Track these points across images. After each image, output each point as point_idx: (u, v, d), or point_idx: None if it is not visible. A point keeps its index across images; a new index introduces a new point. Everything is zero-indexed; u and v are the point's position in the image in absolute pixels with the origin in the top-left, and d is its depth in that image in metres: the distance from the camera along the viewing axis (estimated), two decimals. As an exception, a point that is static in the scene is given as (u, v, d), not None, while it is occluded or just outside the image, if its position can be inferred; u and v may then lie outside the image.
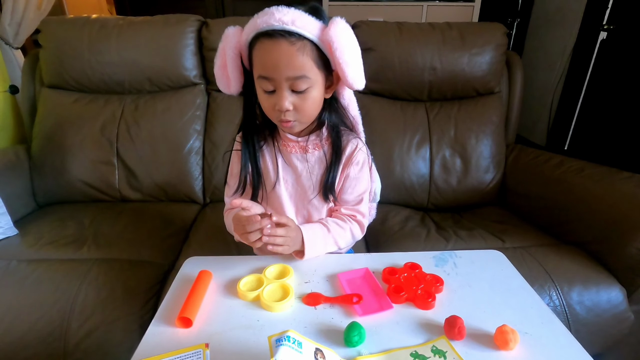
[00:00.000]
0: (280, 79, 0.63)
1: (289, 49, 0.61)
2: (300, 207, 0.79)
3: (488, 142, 1.31)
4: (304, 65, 0.63)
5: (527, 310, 0.59)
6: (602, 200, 1.00)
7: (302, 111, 0.67)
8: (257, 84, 0.66)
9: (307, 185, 0.77)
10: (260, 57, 0.63)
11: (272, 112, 0.67)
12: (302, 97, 0.65)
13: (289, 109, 0.65)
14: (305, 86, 0.64)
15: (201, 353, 0.48)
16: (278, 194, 0.77)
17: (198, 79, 1.35)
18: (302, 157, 0.76)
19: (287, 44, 0.61)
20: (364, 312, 0.59)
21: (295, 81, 0.63)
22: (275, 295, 0.62)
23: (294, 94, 0.65)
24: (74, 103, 1.31)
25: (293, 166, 0.76)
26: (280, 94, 0.64)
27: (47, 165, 1.28)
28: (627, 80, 1.89)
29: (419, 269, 0.68)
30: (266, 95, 0.66)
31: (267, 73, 0.63)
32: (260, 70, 0.64)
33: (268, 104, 0.67)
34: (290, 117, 0.67)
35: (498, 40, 1.31)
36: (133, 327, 0.84)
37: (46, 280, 0.88)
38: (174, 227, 1.15)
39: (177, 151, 1.29)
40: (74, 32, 1.29)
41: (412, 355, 0.51)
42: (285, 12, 0.61)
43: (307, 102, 0.66)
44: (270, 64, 0.62)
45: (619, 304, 0.89)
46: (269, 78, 0.63)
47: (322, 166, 0.76)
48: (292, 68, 0.62)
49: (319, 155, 0.76)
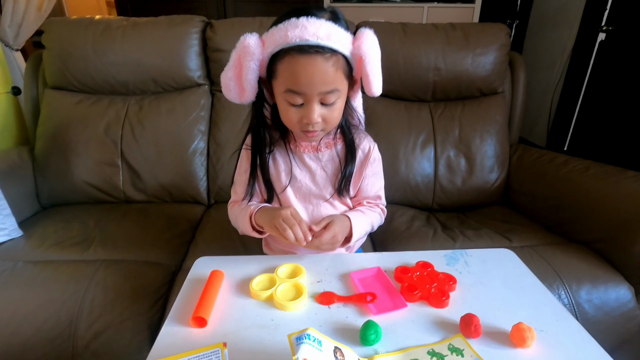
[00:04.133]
0: (312, 94, 0.62)
1: (323, 65, 0.60)
2: (314, 206, 0.78)
3: (492, 142, 1.31)
4: (336, 79, 0.62)
5: (541, 308, 0.59)
6: (609, 199, 1.00)
7: (330, 122, 0.66)
8: (283, 97, 0.64)
9: (323, 183, 0.77)
10: (291, 71, 0.61)
11: (296, 124, 0.66)
12: (331, 108, 0.65)
13: (318, 122, 0.65)
14: (335, 98, 0.64)
15: (219, 352, 0.47)
16: (290, 195, 0.77)
17: (202, 80, 1.35)
18: (314, 156, 0.76)
19: (322, 60, 0.60)
20: (379, 310, 0.59)
21: (327, 95, 0.63)
22: (288, 294, 0.62)
23: (322, 107, 0.64)
24: (78, 104, 1.30)
25: (307, 166, 0.76)
26: (310, 108, 0.63)
27: (50, 166, 1.27)
28: (626, 81, 1.91)
29: (431, 268, 0.68)
30: (293, 108, 0.64)
31: (298, 88, 0.61)
32: (289, 85, 0.62)
33: (294, 116, 0.65)
34: (318, 127, 0.66)
35: (501, 41, 1.32)
36: (142, 328, 0.84)
37: (53, 281, 0.87)
38: (180, 227, 1.15)
39: (182, 152, 1.29)
40: (78, 33, 1.28)
41: (429, 354, 0.51)
42: (319, 26, 0.58)
43: (334, 113, 0.66)
44: (303, 80, 0.61)
45: (627, 302, 0.89)
46: (299, 93, 0.62)
47: (334, 164, 0.76)
48: (326, 83, 0.61)
49: (330, 154, 0.76)
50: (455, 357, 0.50)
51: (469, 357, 0.50)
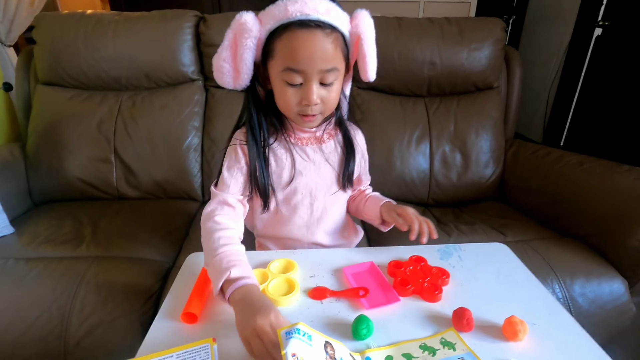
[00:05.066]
0: (312, 72, 0.60)
1: (324, 40, 0.58)
2: (319, 199, 0.76)
3: (487, 137, 1.31)
4: (336, 57, 0.61)
5: (533, 301, 0.59)
6: (603, 193, 1.00)
7: (328, 104, 0.64)
8: (280, 76, 0.62)
9: (326, 176, 0.75)
10: (291, 48, 0.59)
11: (294, 107, 0.64)
12: (329, 89, 0.63)
13: (317, 103, 0.63)
14: (334, 79, 0.62)
15: (209, 348, 0.47)
16: (294, 191, 0.74)
17: (196, 75, 1.34)
18: (317, 148, 0.73)
19: (322, 35, 0.58)
20: (371, 305, 0.58)
21: (326, 74, 0.61)
22: (281, 289, 0.62)
23: (321, 87, 0.62)
24: (70, 100, 1.29)
25: (311, 159, 0.73)
26: (309, 88, 0.61)
27: (43, 163, 1.26)
28: (622, 76, 1.91)
29: (425, 262, 0.68)
30: (291, 89, 0.62)
31: (297, 65, 0.59)
32: (288, 62, 0.60)
33: (292, 98, 0.63)
34: (316, 110, 0.64)
35: (497, 35, 1.31)
36: (134, 325, 0.83)
37: (45, 278, 0.86)
38: (174, 224, 1.14)
39: (176, 148, 1.28)
40: (70, 28, 1.27)
41: (421, 348, 0.51)
42: (318, 1, 0.58)
43: (332, 94, 0.64)
44: (304, 56, 0.58)
45: (620, 295, 0.89)
46: (298, 71, 0.60)
47: (337, 155, 0.75)
48: (326, 60, 0.60)
49: (333, 145, 0.74)
50: (447, 350, 0.50)
51: (461, 351, 0.50)
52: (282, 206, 0.75)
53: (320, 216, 0.77)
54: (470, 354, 0.49)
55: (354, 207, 0.86)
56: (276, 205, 0.75)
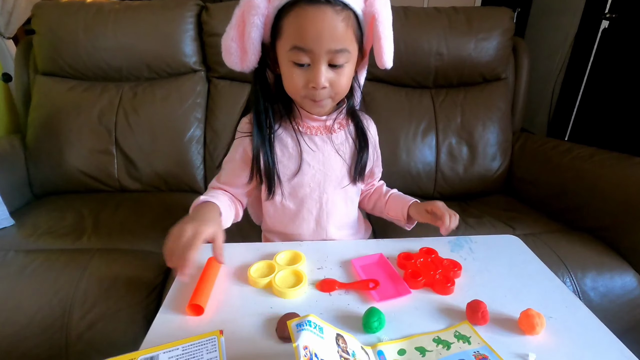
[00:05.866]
0: (320, 52, 0.56)
1: (334, 18, 0.55)
2: (328, 195, 0.73)
3: (495, 129, 1.29)
4: (346, 38, 0.57)
5: (549, 294, 0.57)
6: (614, 186, 0.98)
7: (337, 88, 0.61)
8: (287, 56, 0.58)
9: (336, 168, 0.72)
10: (299, 25, 0.56)
11: (301, 89, 0.61)
12: (339, 72, 0.59)
13: (325, 86, 0.59)
14: (344, 61, 0.58)
15: (216, 340, 0.45)
16: (302, 182, 0.71)
17: (198, 66, 1.32)
18: (327, 138, 0.70)
19: (332, 12, 0.55)
20: (381, 297, 0.56)
21: (336, 55, 0.57)
22: (288, 281, 0.60)
23: (330, 69, 0.59)
24: (70, 90, 1.27)
25: (320, 149, 0.70)
26: (316, 69, 0.58)
27: (43, 154, 1.24)
28: (629, 69, 1.88)
29: (435, 254, 0.66)
30: (298, 70, 0.59)
31: (305, 44, 0.56)
32: (295, 40, 0.56)
33: (299, 80, 0.59)
34: (324, 95, 0.61)
35: (505, 25, 1.28)
36: (137, 318, 0.82)
37: (46, 270, 0.85)
38: (176, 217, 1.09)
39: (178, 140, 1.26)
40: (69, 17, 1.24)
41: (434, 341, 0.49)
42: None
43: (342, 78, 0.60)
44: (311, 34, 0.55)
45: (633, 289, 0.88)
46: (306, 50, 0.56)
47: (348, 147, 0.72)
48: (335, 40, 0.56)
49: (344, 136, 0.71)
50: (462, 344, 0.48)
51: (476, 344, 0.48)
52: (288, 200, 0.72)
53: (330, 210, 0.74)
54: (486, 348, 0.48)
55: (371, 204, 0.83)
56: (282, 199, 0.72)
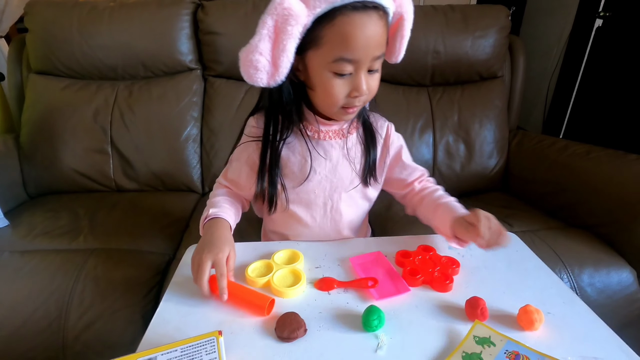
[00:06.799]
0: (365, 60, 0.53)
1: (378, 23, 0.52)
2: (334, 201, 0.70)
3: (491, 127, 1.29)
4: (384, 42, 0.55)
5: (547, 290, 0.58)
6: (610, 183, 0.99)
7: (372, 92, 0.58)
8: (329, 68, 0.54)
9: (345, 174, 0.68)
10: (345, 34, 0.51)
11: (341, 99, 0.56)
12: (374, 77, 0.57)
13: (366, 94, 0.56)
14: (379, 65, 0.56)
15: (214, 341, 0.45)
16: (307, 189, 0.68)
17: (194, 64, 1.31)
18: (337, 143, 0.67)
19: (377, 17, 0.52)
20: (380, 295, 0.56)
21: (375, 60, 0.55)
22: (286, 280, 0.60)
23: (368, 75, 0.56)
24: (64, 89, 1.25)
25: (329, 155, 0.67)
26: (359, 77, 0.54)
27: (37, 154, 1.23)
28: (623, 68, 1.89)
29: (433, 252, 0.66)
30: (340, 81, 0.55)
31: (352, 54, 0.52)
32: (341, 51, 0.52)
33: (341, 90, 0.56)
34: (362, 101, 0.58)
35: (501, 23, 1.29)
36: (135, 318, 0.81)
37: (41, 271, 0.84)
38: (173, 216, 1.12)
39: (174, 139, 1.25)
40: (63, 15, 1.23)
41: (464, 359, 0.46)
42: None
43: (376, 82, 0.58)
44: (360, 43, 0.52)
45: (629, 285, 0.88)
46: (353, 60, 0.53)
47: (357, 149, 0.69)
48: (379, 46, 0.54)
49: (355, 139, 0.69)
50: (489, 349, 0.46)
51: (499, 341, 0.47)
52: (293, 205, 0.70)
53: (334, 217, 0.71)
54: (510, 342, 0.47)
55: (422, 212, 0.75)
56: (286, 204, 0.69)
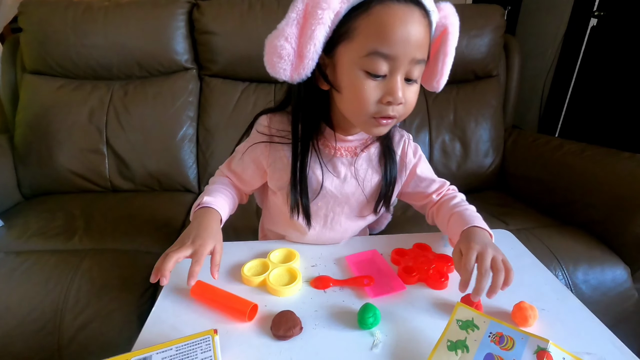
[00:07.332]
0: (404, 59, 0.48)
1: (421, 22, 0.47)
2: (334, 212, 0.66)
3: (487, 125, 1.30)
4: (426, 48, 0.50)
5: (541, 287, 0.58)
6: (604, 181, 1.00)
7: (409, 107, 0.52)
8: (359, 64, 0.49)
9: (351, 191, 0.64)
10: (383, 24, 0.46)
11: (372, 105, 0.50)
12: (411, 89, 0.51)
13: (402, 102, 0.50)
14: (418, 74, 0.51)
15: (210, 339, 0.45)
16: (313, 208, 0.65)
17: (190, 64, 1.30)
18: (346, 161, 0.62)
19: (419, 15, 0.47)
20: (376, 293, 0.57)
21: (415, 66, 0.49)
22: (282, 279, 0.60)
23: (405, 84, 0.50)
24: (59, 89, 1.25)
25: (337, 172, 0.62)
26: (396, 80, 0.49)
27: (32, 154, 1.22)
28: (618, 67, 1.90)
29: (429, 249, 0.66)
30: (372, 83, 0.49)
31: (389, 48, 0.47)
32: (377, 44, 0.47)
33: (373, 93, 0.50)
34: (398, 111, 0.51)
35: (497, 22, 1.29)
36: (131, 318, 0.81)
37: (36, 271, 0.83)
38: (169, 217, 1.11)
39: (170, 139, 1.25)
40: (57, 14, 1.22)
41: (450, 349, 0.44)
42: None
43: (414, 95, 0.52)
44: (400, 36, 0.46)
45: (623, 282, 0.89)
46: (389, 56, 0.47)
47: (368, 170, 0.64)
48: (420, 47, 0.48)
49: (366, 157, 0.63)
50: (473, 333, 0.45)
51: (482, 323, 0.46)
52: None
53: (334, 227, 0.68)
54: (493, 323, 0.45)
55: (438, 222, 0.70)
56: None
